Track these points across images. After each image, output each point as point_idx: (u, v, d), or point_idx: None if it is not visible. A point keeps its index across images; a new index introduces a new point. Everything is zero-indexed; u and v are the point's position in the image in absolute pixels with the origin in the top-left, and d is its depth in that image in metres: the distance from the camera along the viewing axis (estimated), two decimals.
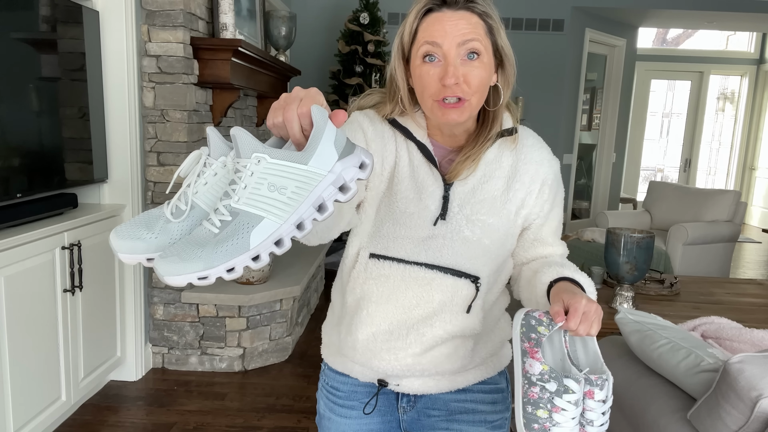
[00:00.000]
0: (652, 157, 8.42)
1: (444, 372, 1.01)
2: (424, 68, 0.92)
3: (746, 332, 1.84)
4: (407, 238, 0.97)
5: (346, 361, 1.05)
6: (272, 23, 3.55)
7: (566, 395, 0.79)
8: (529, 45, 5.68)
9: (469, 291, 0.98)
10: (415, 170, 0.98)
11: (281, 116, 0.67)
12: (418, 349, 0.97)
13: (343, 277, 1.05)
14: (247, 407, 2.54)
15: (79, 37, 2.35)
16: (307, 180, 0.64)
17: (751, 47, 8.13)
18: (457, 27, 0.90)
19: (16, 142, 2.04)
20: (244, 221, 0.63)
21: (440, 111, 0.92)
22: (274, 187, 0.63)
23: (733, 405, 1.28)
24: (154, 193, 2.75)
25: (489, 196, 0.98)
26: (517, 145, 1.02)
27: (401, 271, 0.97)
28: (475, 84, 0.92)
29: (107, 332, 2.57)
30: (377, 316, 0.98)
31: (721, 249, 4.41)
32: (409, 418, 1.06)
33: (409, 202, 0.97)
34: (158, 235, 0.68)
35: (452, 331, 0.98)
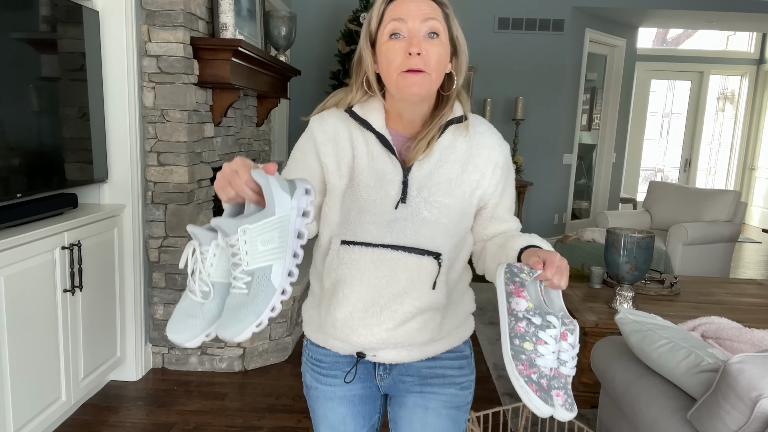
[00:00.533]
0: (652, 157, 8.42)
1: (415, 344, 1.11)
2: (390, 44, 1.02)
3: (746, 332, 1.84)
4: (372, 223, 1.06)
5: (327, 337, 1.15)
6: (272, 23, 3.55)
7: (549, 329, 0.90)
8: (529, 45, 5.68)
9: (433, 267, 1.08)
10: (374, 160, 1.07)
11: (233, 191, 0.84)
12: (391, 325, 1.07)
13: (318, 264, 1.16)
14: (247, 407, 2.54)
15: (79, 37, 2.35)
16: (282, 223, 0.82)
17: (751, 47, 8.13)
18: (420, 7, 1.02)
19: (16, 142, 2.04)
20: (261, 274, 0.81)
21: (404, 81, 1.01)
22: (265, 241, 0.81)
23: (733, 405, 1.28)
24: (154, 193, 2.75)
25: (445, 179, 1.07)
26: (470, 132, 1.11)
27: (370, 254, 1.07)
28: (434, 59, 1.01)
29: (107, 332, 2.57)
30: (352, 297, 1.07)
31: (721, 249, 4.41)
32: (386, 384, 1.18)
33: (371, 190, 1.06)
34: (203, 317, 0.86)
35: (421, 307, 1.08)
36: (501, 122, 5.79)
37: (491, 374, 2.95)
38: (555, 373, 0.91)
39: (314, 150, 1.10)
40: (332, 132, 1.09)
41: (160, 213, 2.76)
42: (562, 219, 6.20)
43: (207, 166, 2.96)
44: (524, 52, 5.70)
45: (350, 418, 1.19)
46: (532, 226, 5.95)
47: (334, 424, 1.19)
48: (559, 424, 2.39)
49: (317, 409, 1.22)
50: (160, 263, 2.80)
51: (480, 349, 3.27)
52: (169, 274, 2.81)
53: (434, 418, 1.15)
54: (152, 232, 2.78)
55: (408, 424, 1.17)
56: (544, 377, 0.89)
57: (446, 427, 1.16)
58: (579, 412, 2.56)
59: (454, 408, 1.17)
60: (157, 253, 2.79)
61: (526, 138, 5.79)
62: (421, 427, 1.15)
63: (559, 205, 6.09)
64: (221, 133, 3.14)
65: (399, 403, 1.19)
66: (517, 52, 5.70)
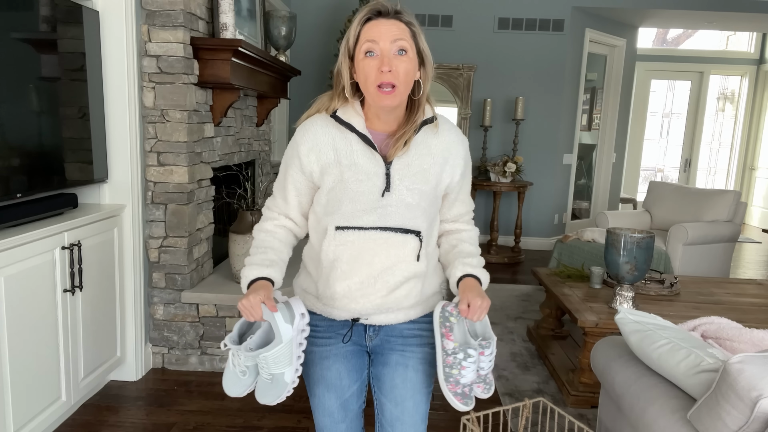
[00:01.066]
0: (652, 157, 8.43)
1: (402, 307, 1.33)
2: (365, 62, 1.22)
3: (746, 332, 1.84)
4: (362, 210, 1.26)
5: (325, 306, 1.35)
6: (272, 23, 3.55)
7: (469, 359, 1.25)
8: (529, 45, 5.68)
9: (415, 243, 1.30)
10: (358, 156, 1.27)
11: (252, 318, 1.22)
12: (385, 292, 1.29)
13: (315, 245, 1.36)
14: (247, 407, 2.54)
15: (79, 37, 2.35)
16: (288, 345, 1.25)
17: (751, 47, 8.13)
18: (390, 30, 1.21)
19: (16, 142, 2.04)
20: (278, 376, 1.26)
21: (378, 96, 1.22)
22: (276, 359, 1.24)
23: (733, 405, 1.28)
24: (154, 193, 2.75)
25: (420, 169, 1.29)
26: (439, 130, 1.33)
27: (362, 236, 1.27)
28: (402, 73, 1.22)
29: (107, 332, 2.57)
30: (349, 272, 1.28)
31: (721, 249, 4.41)
32: (374, 344, 1.40)
33: (360, 183, 1.26)
34: (246, 379, 1.31)
35: (407, 276, 1.30)
36: (501, 122, 5.79)
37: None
38: (475, 379, 1.29)
39: (299, 162, 1.31)
40: (313, 140, 1.29)
41: (160, 213, 2.77)
42: (562, 219, 6.20)
43: (207, 166, 2.96)
44: (524, 52, 5.70)
45: (345, 373, 1.37)
46: (532, 226, 5.96)
47: (331, 381, 1.37)
48: (559, 424, 2.39)
49: (313, 372, 1.39)
50: (160, 263, 2.80)
51: None
52: (169, 274, 2.81)
53: (413, 374, 1.38)
54: (152, 232, 2.78)
55: (390, 380, 1.38)
56: (466, 387, 1.27)
57: (421, 381, 1.39)
58: (579, 412, 2.56)
59: (428, 364, 1.40)
60: (157, 253, 2.79)
61: (526, 138, 5.79)
62: (402, 381, 1.37)
63: (559, 205, 6.09)
64: (221, 133, 3.14)
65: (382, 362, 1.39)
66: (517, 52, 5.70)
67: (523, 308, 4.04)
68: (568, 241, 4.37)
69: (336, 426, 1.38)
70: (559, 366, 2.91)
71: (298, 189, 1.33)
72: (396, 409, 1.37)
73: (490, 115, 5.50)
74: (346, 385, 1.37)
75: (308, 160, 1.29)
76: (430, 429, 2.40)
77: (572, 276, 3.22)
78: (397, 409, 1.37)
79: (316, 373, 1.38)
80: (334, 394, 1.37)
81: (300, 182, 1.32)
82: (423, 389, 1.39)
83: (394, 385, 1.37)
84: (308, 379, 1.40)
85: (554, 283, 3.12)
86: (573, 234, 4.43)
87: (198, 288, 2.88)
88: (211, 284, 2.95)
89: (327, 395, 1.37)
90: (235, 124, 3.35)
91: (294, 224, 1.39)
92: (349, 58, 1.26)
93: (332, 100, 1.30)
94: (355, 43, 1.24)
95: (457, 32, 5.64)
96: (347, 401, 1.38)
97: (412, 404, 1.37)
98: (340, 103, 1.29)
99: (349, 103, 1.29)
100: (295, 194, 1.35)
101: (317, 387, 1.38)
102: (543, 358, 3.12)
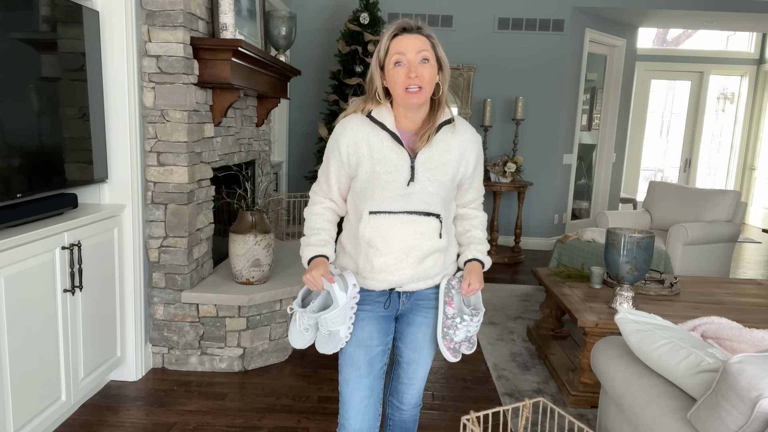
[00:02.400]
0: (652, 157, 8.42)
1: (429, 276, 1.60)
2: (395, 70, 1.48)
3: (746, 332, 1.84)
4: (391, 197, 1.52)
5: (364, 279, 1.59)
6: (272, 23, 3.55)
7: (462, 323, 1.58)
8: (529, 45, 5.68)
9: (436, 223, 1.56)
10: (388, 151, 1.51)
11: (315, 288, 1.52)
12: (416, 264, 1.56)
13: (353, 226, 1.61)
14: (247, 407, 2.54)
15: (79, 37, 2.35)
16: (343, 308, 1.54)
17: (751, 47, 8.13)
18: (415, 43, 1.48)
19: (16, 142, 2.04)
20: (334, 332, 1.56)
21: (407, 96, 1.47)
22: (333, 319, 1.53)
23: (733, 405, 1.28)
24: (154, 193, 2.75)
25: (440, 163, 1.54)
26: (456, 129, 1.58)
27: (392, 219, 1.53)
28: (426, 78, 1.48)
29: (107, 332, 2.57)
30: (384, 250, 1.54)
31: (721, 249, 4.41)
32: (405, 307, 1.66)
33: (389, 174, 1.51)
34: (309, 335, 1.61)
35: (432, 249, 1.57)
36: (501, 122, 5.79)
37: (491, 374, 2.95)
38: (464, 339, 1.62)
39: (338, 154, 1.55)
40: (352, 136, 1.53)
41: (160, 213, 2.77)
42: (562, 219, 6.20)
43: (207, 166, 2.96)
44: (524, 52, 5.70)
45: (375, 334, 1.61)
46: (532, 226, 5.96)
47: (362, 339, 1.59)
48: (559, 424, 2.39)
49: None
50: (160, 263, 2.80)
51: (480, 349, 3.27)
52: (169, 274, 2.81)
53: (432, 330, 1.68)
54: (152, 232, 2.78)
55: (413, 335, 1.68)
56: (457, 344, 1.62)
57: (434, 334, 1.69)
58: (579, 412, 2.56)
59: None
60: (157, 253, 2.79)
61: (526, 138, 5.79)
62: (423, 336, 1.68)
63: (559, 205, 6.09)
64: (221, 133, 3.14)
65: (408, 322, 1.68)
66: (517, 52, 5.70)
67: (523, 308, 4.04)
68: (568, 241, 4.37)
69: (361, 380, 1.59)
70: (559, 366, 2.91)
71: (338, 176, 1.58)
72: (414, 354, 1.69)
73: (490, 115, 5.50)
74: (375, 344, 1.60)
75: (346, 153, 1.53)
76: (430, 429, 2.40)
77: (572, 276, 3.22)
78: (414, 354, 1.69)
79: (351, 333, 1.60)
80: (364, 351, 1.59)
81: (339, 171, 1.57)
82: (436, 340, 1.69)
83: (415, 339, 1.68)
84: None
85: (554, 283, 3.12)
86: (573, 234, 4.43)
87: (198, 288, 2.88)
88: (211, 284, 2.95)
89: (357, 351, 1.59)
90: (235, 124, 3.35)
91: (336, 205, 1.65)
92: (380, 68, 1.52)
93: (366, 103, 1.56)
94: (385, 55, 1.50)
95: (457, 32, 5.64)
96: (374, 359, 1.60)
97: (426, 351, 1.69)
98: (373, 105, 1.54)
99: (382, 105, 1.54)
100: (335, 180, 1.59)
101: (349, 345, 1.59)
102: (543, 358, 3.12)
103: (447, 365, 3.04)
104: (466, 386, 2.81)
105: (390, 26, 1.51)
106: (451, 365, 3.04)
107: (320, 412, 2.52)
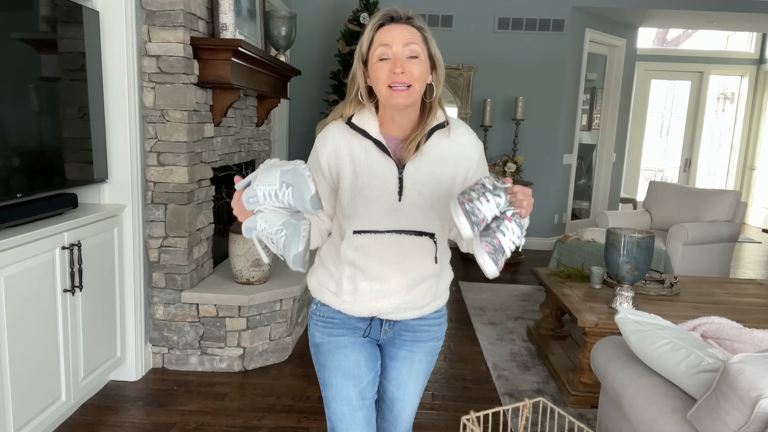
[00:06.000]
0: (652, 157, 8.42)
1: (417, 306, 1.39)
2: (379, 65, 1.25)
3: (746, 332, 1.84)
4: (377, 214, 1.30)
5: (342, 302, 1.37)
6: (272, 23, 3.55)
7: (495, 197, 1.09)
8: (529, 45, 5.68)
9: (430, 244, 1.35)
10: (374, 162, 1.30)
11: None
12: (404, 292, 1.35)
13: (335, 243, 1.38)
14: (247, 407, 2.54)
15: (79, 37, 2.35)
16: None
17: (751, 47, 8.13)
18: (402, 34, 1.24)
19: (16, 142, 2.04)
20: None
21: (391, 95, 1.24)
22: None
23: (733, 405, 1.28)
24: (154, 193, 2.75)
25: (433, 174, 1.31)
26: (451, 133, 1.35)
27: (379, 239, 1.31)
28: (416, 74, 1.24)
29: (107, 332, 2.57)
30: (369, 274, 1.33)
31: (721, 249, 4.41)
32: (387, 336, 1.44)
33: (373, 188, 1.29)
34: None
35: (424, 276, 1.36)
36: (501, 122, 5.79)
37: (491, 374, 2.95)
38: (490, 231, 1.09)
39: (320, 168, 1.35)
40: (332, 147, 1.33)
41: (160, 213, 2.77)
42: (562, 219, 6.20)
43: (207, 166, 2.96)
44: (524, 52, 5.70)
45: (363, 361, 1.40)
46: (532, 226, 5.95)
47: (349, 369, 1.39)
48: (559, 424, 2.39)
49: (329, 362, 1.41)
50: (160, 263, 2.80)
51: (480, 349, 3.27)
52: (169, 274, 2.81)
53: (417, 365, 1.47)
54: (152, 232, 2.78)
55: (396, 371, 1.47)
56: (474, 215, 1.07)
57: (424, 369, 1.49)
58: (579, 412, 2.56)
59: (432, 355, 1.49)
60: (157, 253, 2.79)
61: (526, 138, 5.79)
62: (407, 372, 1.47)
63: (559, 205, 6.09)
64: (221, 133, 3.14)
65: (390, 356, 1.47)
66: (517, 52, 5.70)
67: (523, 308, 4.04)
68: (568, 241, 4.37)
69: (355, 414, 1.39)
70: (559, 366, 2.91)
71: (321, 194, 1.35)
72: (398, 391, 1.48)
73: (490, 115, 5.50)
74: (363, 374, 1.40)
75: (327, 166, 1.34)
76: (430, 429, 2.40)
77: (572, 276, 3.22)
78: (399, 391, 1.48)
79: (334, 363, 1.39)
80: (353, 382, 1.39)
81: (323, 188, 1.36)
82: (423, 375, 1.50)
83: (399, 375, 1.47)
84: (324, 370, 1.41)
85: (554, 283, 3.12)
86: (573, 234, 4.43)
87: (198, 288, 2.88)
88: (211, 284, 2.95)
89: (346, 383, 1.38)
90: (235, 124, 3.35)
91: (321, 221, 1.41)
92: (363, 63, 1.29)
93: (346, 107, 1.33)
94: (368, 48, 1.27)
95: (457, 32, 5.64)
96: (364, 389, 1.40)
97: (412, 388, 1.49)
98: (354, 109, 1.32)
99: (365, 108, 1.32)
100: None
101: (334, 376, 1.39)
102: (543, 358, 3.12)
103: (447, 365, 3.04)
104: (466, 386, 2.81)
105: (376, 15, 1.28)
106: (451, 365, 3.04)
107: (320, 412, 2.51)
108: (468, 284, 4.50)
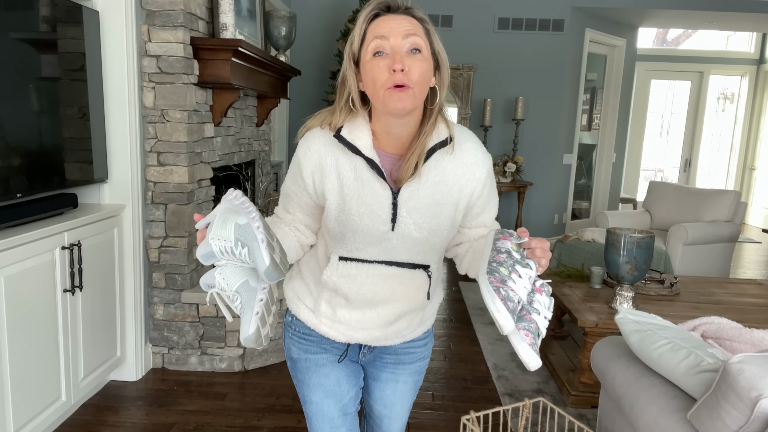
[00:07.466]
0: (652, 157, 8.42)
1: (400, 335, 1.28)
2: (374, 62, 1.03)
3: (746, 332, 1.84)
4: (367, 243, 1.14)
5: (320, 324, 1.26)
6: (272, 23, 3.55)
7: (526, 269, 0.96)
8: (529, 45, 5.68)
9: (423, 278, 1.20)
10: (364, 185, 1.10)
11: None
12: (386, 326, 1.23)
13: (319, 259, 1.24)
14: (247, 407, 2.54)
15: (79, 37, 2.35)
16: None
17: (751, 47, 8.13)
18: (401, 24, 1.03)
19: (16, 142, 2.04)
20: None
21: (390, 97, 1.02)
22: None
23: (733, 405, 1.28)
24: (154, 193, 2.75)
25: (432, 201, 1.12)
26: (455, 150, 1.13)
27: (366, 269, 1.17)
28: (417, 74, 1.03)
29: (107, 332, 2.57)
30: (351, 304, 1.20)
31: (721, 249, 4.41)
32: (367, 359, 1.34)
33: (363, 217, 1.11)
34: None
35: (411, 310, 1.23)
36: (501, 122, 5.79)
37: (491, 374, 2.95)
38: (524, 313, 0.95)
39: (303, 182, 1.15)
40: (317, 160, 1.12)
41: (160, 213, 2.76)
42: (562, 219, 6.20)
43: (207, 166, 2.96)
44: (524, 52, 5.70)
45: (344, 379, 1.30)
46: (532, 226, 5.95)
47: (330, 388, 1.29)
48: (559, 424, 2.39)
49: (308, 379, 1.31)
50: (160, 263, 2.80)
51: (480, 349, 3.27)
52: (169, 274, 2.81)
53: (402, 386, 1.37)
54: (152, 232, 2.78)
55: (381, 392, 1.37)
56: (511, 301, 0.91)
57: (410, 388, 1.39)
58: (579, 412, 2.56)
59: (418, 374, 1.39)
60: (157, 253, 2.79)
61: (526, 138, 5.79)
62: (392, 393, 1.37)
63: (559, 205, 6.09)
64: (221, 133, 3.14)
65: (373, 377, 1.37)
66: (517, 52, 5.70)
67: None
68: (568, 241, 4.37)
69: (336, 431, 1.31)
70: (559, 366, 2.91)
71: (303, 208, 1.20)
72: (384, 410, 1.40)
73: (490, 115, 5.50)
74: (345, 391, 1.31)
75: (312, 183, 1.14)
76: (430, 429, 2.40)
77: (572, 276, 3.22)
78: (385, 410, 1.40)
79: (313, 380, 1.30)
80: (333, 400, 1.30)
81: (306, 202, 1.19)
82: (410, 394, 1.41)
83: (383, 395, 1.38)
84: (303, 386, 1.33)
85: (554, 283, 3.12)
86: (573, 234, 4.43)
87: (198, 288, 2.88)
88: None
89: (326, 401, 1.30)
90: (235, 124, 3.35)
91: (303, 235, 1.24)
92: (355, 64, 1.08)
93: (334, 115, 1.12)
94: (360, 44, 1.06)
95: (457, 32, 5.64)
96: (346, 405, 1.32)
97: (399, 407, 1.40)
98: (344, 119, 1.11)
99: (357, 116, 1.11)
100: (301, 213, 1.21)
101: (314, 394, 1.30)
102: (543, 358, 3.12)
103: (447, 365, 3.04)
104: (466, 386, 2.81)
105: (368, 5, 1.06)
106: (451, 365, 3.03)
107: None
108: (468, 284, 4.50)
